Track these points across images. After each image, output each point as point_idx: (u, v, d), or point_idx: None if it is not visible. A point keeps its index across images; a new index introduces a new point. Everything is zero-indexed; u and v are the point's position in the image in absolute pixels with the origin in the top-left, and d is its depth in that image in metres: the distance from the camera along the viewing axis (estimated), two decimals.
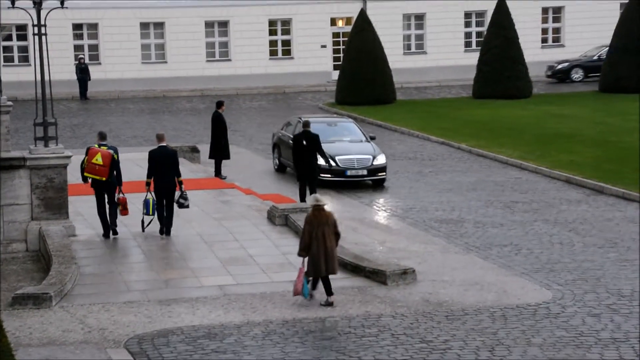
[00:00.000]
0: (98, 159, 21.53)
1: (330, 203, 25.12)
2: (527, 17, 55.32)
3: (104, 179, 21.70)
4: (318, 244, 17.55)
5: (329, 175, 27.59)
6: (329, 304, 17.64)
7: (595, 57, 52.81)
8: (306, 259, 17.74)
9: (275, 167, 30.60)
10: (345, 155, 27.91)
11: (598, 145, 33.31)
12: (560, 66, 53.46)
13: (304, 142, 25.16)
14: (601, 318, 16.86)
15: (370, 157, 27.99)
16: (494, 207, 25.50)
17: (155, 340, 15.93)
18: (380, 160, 28.03)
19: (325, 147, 26.36)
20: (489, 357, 15.07)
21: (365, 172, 27.82)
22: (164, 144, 22.47)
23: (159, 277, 19.19)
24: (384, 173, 28.09)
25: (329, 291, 17.78)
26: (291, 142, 27.13)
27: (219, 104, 29.86)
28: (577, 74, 52.55)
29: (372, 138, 29.63)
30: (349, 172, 27.73)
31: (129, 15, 52.58)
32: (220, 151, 29.24)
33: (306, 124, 26.01)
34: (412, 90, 52.01)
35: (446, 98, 48.41)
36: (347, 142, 28.82)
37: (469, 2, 56.52)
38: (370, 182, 28.17)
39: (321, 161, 26.12)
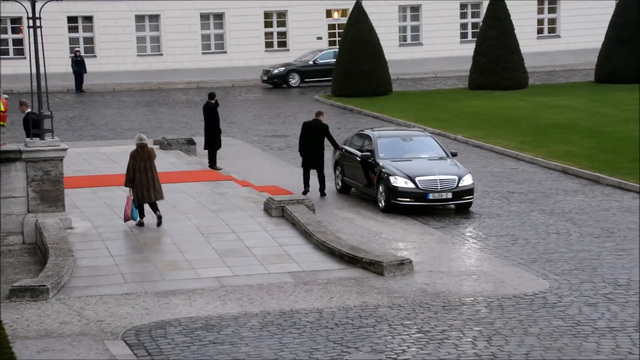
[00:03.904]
0: (1, 107, 23.63)
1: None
2: (523, 8, 55.32)
3: (4, 124, 24.50)
4: (141, 175, 21.14)
5: (408, 199, 23.74)
6: (158, 217, 21.44)
7: (310, 62, 50.68)
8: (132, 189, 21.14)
9: (338, 187, 26.43)
10: (426, 176, 23.98)
11: (594, 135, 33.32)
12: (276, 71, 50.42)
13: (312, 132, 25.66)
14: (598, 307, 16.88)
15: (456, 177, 24.01)
16: (491, 197, 25.50)
17: (153, 331, 15.93)
18: (467, 181, 24.09)
19: (401, 165, 24.31)
20: (486, 346, 15.08)
21: (450, 195, 23.84)
22: (29, 110, 24.54)
23: (156, 269, 19.18)
24: (471, 196, 24.18)
25: (155, 210, 21.51)
26: (343, 151, 26.20)
27: (212, 96, 29.91)
28: (294, 79, 49.86)
29: (454, 154, 25.67)
30: (430, 196, 23.80)
31: (124, 7, 52.54)
32: (212, 142, 29.33)
33: (318, 113, 26.08)
34: (408, 81, 52.00)
35: (442, 89, 48.39)
36: (426, 160, 24.90)
37: None
38: (453, 206, 24.37)
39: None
